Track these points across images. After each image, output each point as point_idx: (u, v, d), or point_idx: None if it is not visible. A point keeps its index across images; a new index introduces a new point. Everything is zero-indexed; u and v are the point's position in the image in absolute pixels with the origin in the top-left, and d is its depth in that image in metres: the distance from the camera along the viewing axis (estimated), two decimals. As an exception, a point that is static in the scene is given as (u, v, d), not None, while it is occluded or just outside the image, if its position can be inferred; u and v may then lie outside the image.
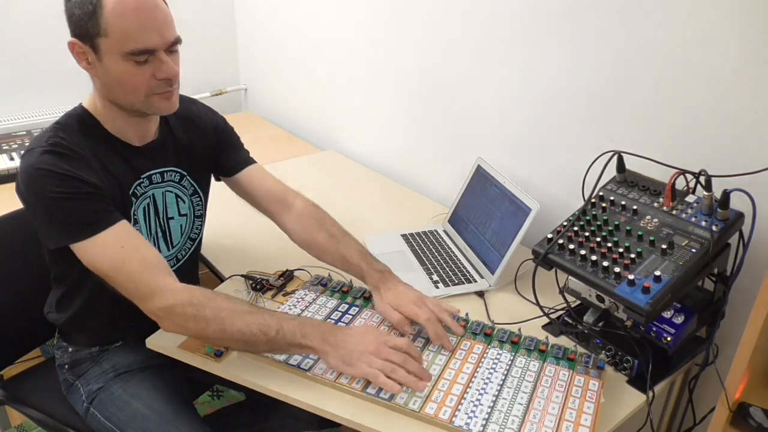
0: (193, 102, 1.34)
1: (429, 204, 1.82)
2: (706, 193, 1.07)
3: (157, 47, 1.04)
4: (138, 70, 1.04)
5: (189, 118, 1.29)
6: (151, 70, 1.05)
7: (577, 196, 1.25)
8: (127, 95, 1.08)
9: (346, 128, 2.23)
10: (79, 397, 1.23)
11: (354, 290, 1.29)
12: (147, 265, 1.05)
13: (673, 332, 1.08)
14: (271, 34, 2.47)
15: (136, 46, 1.02)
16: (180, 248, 1.30)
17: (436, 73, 1.77)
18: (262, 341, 1.02)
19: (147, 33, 1.02)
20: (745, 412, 1.02)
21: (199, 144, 1.29)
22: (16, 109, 2.19)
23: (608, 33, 1.32)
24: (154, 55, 1.04)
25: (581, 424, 0.96)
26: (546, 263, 1.14)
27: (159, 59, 1.05)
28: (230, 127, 1.39)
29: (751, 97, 1.13)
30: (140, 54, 1.02)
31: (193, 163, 1.28)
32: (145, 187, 1.19)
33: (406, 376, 1.01)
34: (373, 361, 1.02)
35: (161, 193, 1.23)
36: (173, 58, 1.08)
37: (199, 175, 1.30)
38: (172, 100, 1.12)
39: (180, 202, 1.27)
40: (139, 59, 1.03)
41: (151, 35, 1.02)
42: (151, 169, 1.20)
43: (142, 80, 1.05)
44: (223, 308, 1.03)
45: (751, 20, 1.10)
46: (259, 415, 1.36)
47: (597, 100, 1.38)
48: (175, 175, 1.25)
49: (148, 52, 1.03)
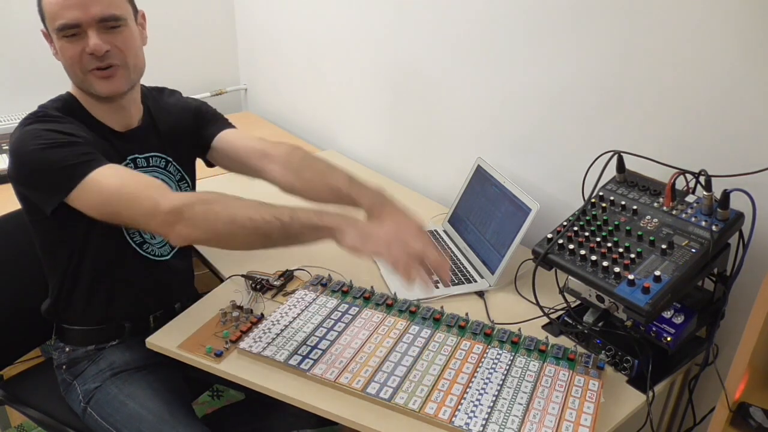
0: (174, 93, 1.37)
1: (429, 204, 1.82)
2: (706, 193, 1.07)
3: (81, 22, 1.06)
4: (69, 46, 1.08)
5: (170, 105, 1.32)
6: (82, 45, 1.08)
7: (577, 196, 1.25)
8: (71, 75, 1.12)
9: (346, 128, 2.23)
10: (76, 397, 1.22)
11: (354, 290, 1.29)
12: (147, 184, 1.04)
13: (673, 332, 1.07)
14: (271, 34, 2.46)
15: (60, 22, 1.06)
16: None
17: (436, 73, 1.77)
18: (275, 227, 0.97)
19: (69, 9, 1.05)
20: (745, 412, 1.02)
21: (180, 130, 1.30)
22: (16, 109, 2.19)
23: (608, 33, 1.32)
24: (84, 32, 1.07)
25: (581, 424, 0.96)
26: (546, 263, 1.14)
27: (87, 34, 1.07)
28: (210, 107, 1.39)
29: (751, 97, 1.13)
30: (65, 28, 1.06)
31: (178, 149, 1.29)
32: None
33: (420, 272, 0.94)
34: (393, 248, 0.94)
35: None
36: (111, 36, 1.09)
37: (185, 161, 1.32)
38: (112, 81, 1.12)
39: None
40: (66, 34, 1.07)
41: (72, 10, 1.05)
42: (136, 153, 1.21)
43: (74, 55, 1.08)
44: (233, 203, 1.00)
45: (751, 20, 1.09)
46: (259, 415, 1.36)
47: (597, 99, 1.38)
48: (160, 161, 1.26)
49: (71, 26, 1.06)
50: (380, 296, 1.27)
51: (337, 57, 2.15)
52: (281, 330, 1.16)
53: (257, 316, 1.21)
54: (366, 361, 1.09)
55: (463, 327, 1.18)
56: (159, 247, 1.27)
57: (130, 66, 1.13)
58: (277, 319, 1.20)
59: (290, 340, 1.14)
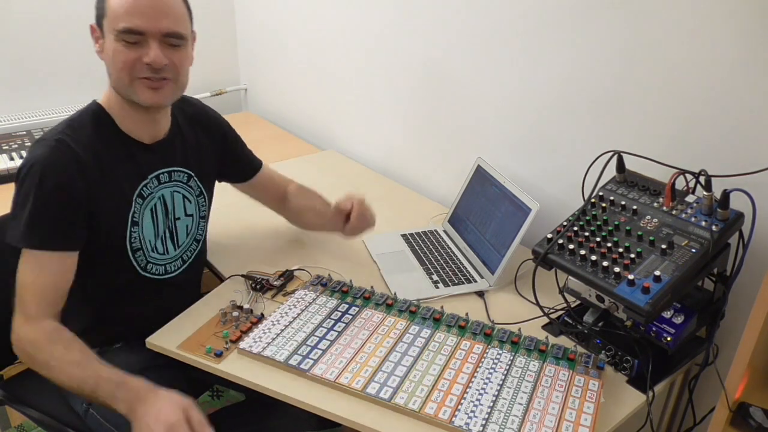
0: (199, 104, 1.37)
1: (429, 204, 1.82)
2: (706, 193, 1.07)
3: (146, 31, 1.07)
4: (125, 50, 1.07)
5: (198, 120, 1.32)
6: (139, 53, 1.08)
7: (577, 196, 1.25)
8: (118, 78, 1.11)
9: (346, 128, 2.23)
10: (78, 397, 1.22)
11: (354, 290, 1.29)
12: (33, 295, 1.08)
13: (673, 332, 1.08)
14: (271, 34, 2.46)
15: (124, 25, 1.05)
16: (186, 249, 1.31)
17: (436, 72, 1.77)
18: (81, 393, 1.06)
19: (138, 15, 1.05)
20: (745, 412, 1.02)
21: (207, 147, 1.33)
22: (16, 109, 2.19)
23: (609, 33, 1.32)
24: (146, 40, 1.07)
25: (581, 424, 0.96)
26: (546, 263, 1.14)
27: (149, 44, 1.07)
28: (234, 132, 1.43)
29: (752, 97, 1.13)
30: (128, 33, 1.06)
31: (201, 164, 1.30)
32: (152, 187, 1.21)
33: None
34: None
35: (170, 192, 1.24)
36: (171, 52, 1.10)
37: (206, 177, 1.33)
38: (159, 93, 1.12)
39: (186, 203, 1.28)
40: (128, 39, 1.06)
41: (141, 18, 1.06)
42: (159, 168, 1.22)
43: (128, 60, 1.08)
44: (56, 358, 1.06)
45: (752, 20, 1.10)
46: (259, 415, 1.36)
47: (597, 99, 1.38)
48: (182, 175, 1.26)
49: (137, 33, 1.06)
50: (380, 296, 1.27)
51: (337, 57, 2.15)
52: (281, 330, 1.16)
53: (257, 316, 1.21)
54: (366, 361, 1.09)
55: (463, 327, 1.18)
56: (163, 265, 1.27)
57: (178, 83, 1.15)
58: (277, 319, 1.20)
59: (290, 340, 1.14)
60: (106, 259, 1.19)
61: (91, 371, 1.04)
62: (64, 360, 1.05)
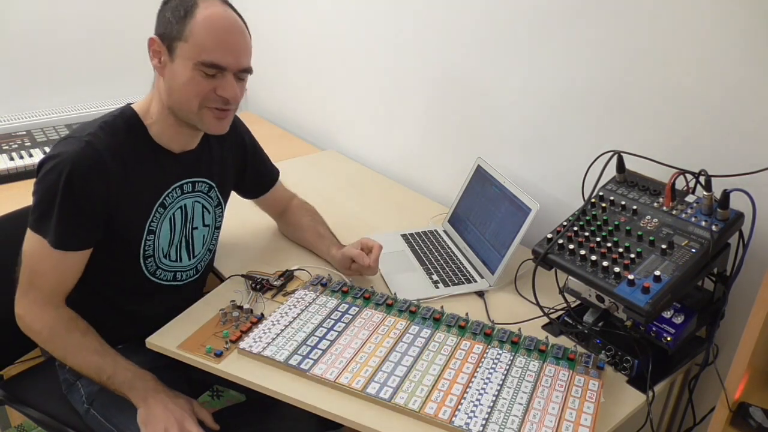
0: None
1: (429, 204, 1.82)
2: (706, 193, 1.07)
3: (229, 67, 1.09)
4: (203, 80, 1.09)
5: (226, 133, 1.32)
6: (215, 85, 1.10)
7: (577, 196, 1.25)
8: (185, 101, 1.11)
9: (346, 128, 2.23)
10: (80, 397, 1.23)
11: (354, 290, 1.29)
12: (50, 283, 1.13)
13: (673, 332, 1.08)
14: (271, 34, 2.46)
15: (210, 59, 1.07)
16: (200, 258, 1.32)
17: (436, 73, 1.77)
18: (96, 380, 1.13)
19: (224, 52, 1.08)
20: (745, 412, 1.02)
21: (230, 161, 1.35)
22: (16, 109, 2.19)
23: (609, 34, 1.32)
24: (222, 74, 1.10)
25: (581, 424, 0.96)
26: (546, 263, 1.14)
27: (226, 78, 1.10)
28: (256, 143, 1.46)
29: (751, 97, 1.13)
30: (211, 67, 1.08)
31: (223, 177, 1.33)
32: (175, 197, 1.22)
33: None
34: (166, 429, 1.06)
35: (191, 202, 1.26)
36: (239, 85, 1.14)
37: (226, 189, 1.36)
38: (223, 122, 1.16)
39: (205, 213, 1.30)
40: (208, 71, 1.08)
41: (227, 55, 1.08)
42: (184, 178, 1.23)
43: (203, 90, 1.10)
44: (74, 344, 1.13)
45: (751, 21, 1.10)
46: (259, 415, 1.36)
47: (597, 100, 1.38)
48: (205, 186, 1.28)
49: (219, 68, 1.09)
50: (380, 296, 1.27)
51: (337, 57, 2.15)
52: (281, 330, 1.16)
53: (257, 316, 1.21)
54: (366, 361, 1.09)
55: (463, 327, 1.18)
56: (173, 272, 1.28)
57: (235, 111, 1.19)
58: (277, 319, 1.20)
59: (290, 340, 1.14)
60: (116, 262, 1.19)
61: (110, 359, 1.13)
62: (82, 346, 1.13)
